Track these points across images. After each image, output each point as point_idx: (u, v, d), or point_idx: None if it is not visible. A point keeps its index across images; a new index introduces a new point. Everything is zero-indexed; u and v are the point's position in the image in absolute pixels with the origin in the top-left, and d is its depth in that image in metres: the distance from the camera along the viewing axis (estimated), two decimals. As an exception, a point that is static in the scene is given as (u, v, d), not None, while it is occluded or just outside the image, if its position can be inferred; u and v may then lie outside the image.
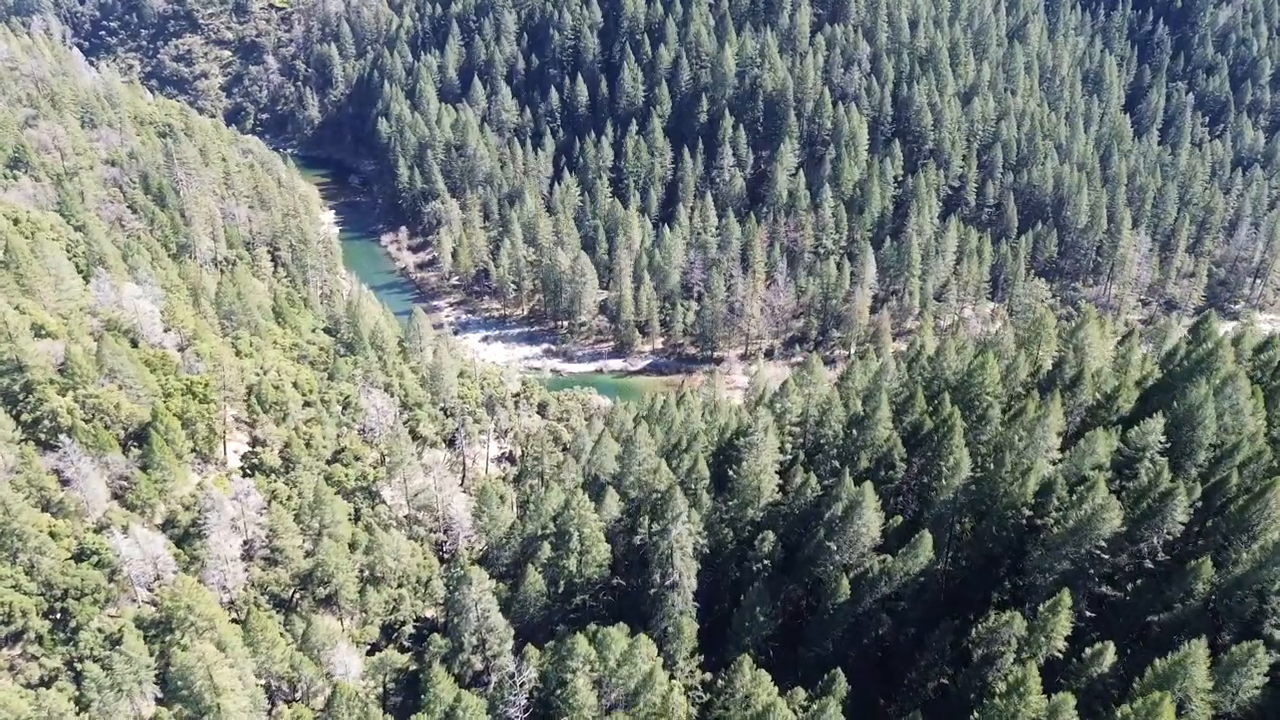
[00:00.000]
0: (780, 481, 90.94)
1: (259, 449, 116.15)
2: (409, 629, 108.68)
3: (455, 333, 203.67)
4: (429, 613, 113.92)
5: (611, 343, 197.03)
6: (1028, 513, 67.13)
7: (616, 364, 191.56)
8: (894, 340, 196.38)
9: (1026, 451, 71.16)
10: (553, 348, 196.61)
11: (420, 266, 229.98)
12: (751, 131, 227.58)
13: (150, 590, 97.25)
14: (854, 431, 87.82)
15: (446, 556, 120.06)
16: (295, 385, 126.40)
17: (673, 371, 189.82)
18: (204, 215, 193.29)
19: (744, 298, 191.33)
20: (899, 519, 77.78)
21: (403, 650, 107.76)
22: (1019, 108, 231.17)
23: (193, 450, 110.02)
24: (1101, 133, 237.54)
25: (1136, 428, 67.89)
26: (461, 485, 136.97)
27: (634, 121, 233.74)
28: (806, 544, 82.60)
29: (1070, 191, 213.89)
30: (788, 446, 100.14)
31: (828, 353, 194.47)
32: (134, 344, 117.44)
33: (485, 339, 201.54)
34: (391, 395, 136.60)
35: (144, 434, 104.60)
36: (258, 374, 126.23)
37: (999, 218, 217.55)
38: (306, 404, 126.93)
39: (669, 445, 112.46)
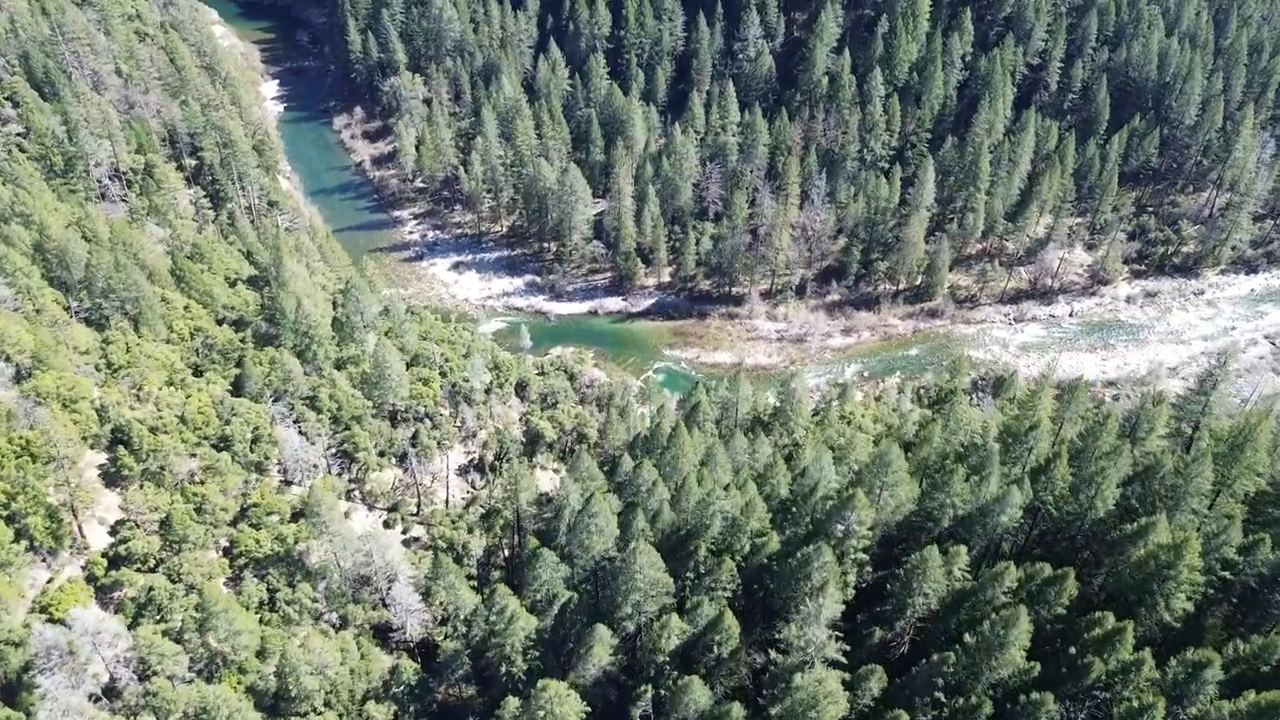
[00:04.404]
0: (846, 678, 61.93)
1: (129, 529, 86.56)
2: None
3: (420, 257, 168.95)
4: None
5: (609, 274, 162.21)
6: None
7: (614, 303, 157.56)
8: (950, 271, 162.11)
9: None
10: (538, 280, 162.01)
11: (378, 161, 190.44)
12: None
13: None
14: (963, 634, 57.59)
15: (394, 644, 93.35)
16: (183, 420, 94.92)
17: (683, 314, 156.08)
18: (97, 115, 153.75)
19: (772, 224, 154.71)
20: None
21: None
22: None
23: (29, 548, 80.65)
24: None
25: None
26: (416, 515, 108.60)
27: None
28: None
29: (1179, 73, 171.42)
30: (851, 580, 70.82)
31: (870, 289, 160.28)
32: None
33: (457, 266, 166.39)
34: (319, 411, 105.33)
35: (-51, 542, 75.11)
36: (133, 404, 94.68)
37: (1085, 106, 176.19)
38: (203, 439, 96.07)
39: (679, 532, 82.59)
